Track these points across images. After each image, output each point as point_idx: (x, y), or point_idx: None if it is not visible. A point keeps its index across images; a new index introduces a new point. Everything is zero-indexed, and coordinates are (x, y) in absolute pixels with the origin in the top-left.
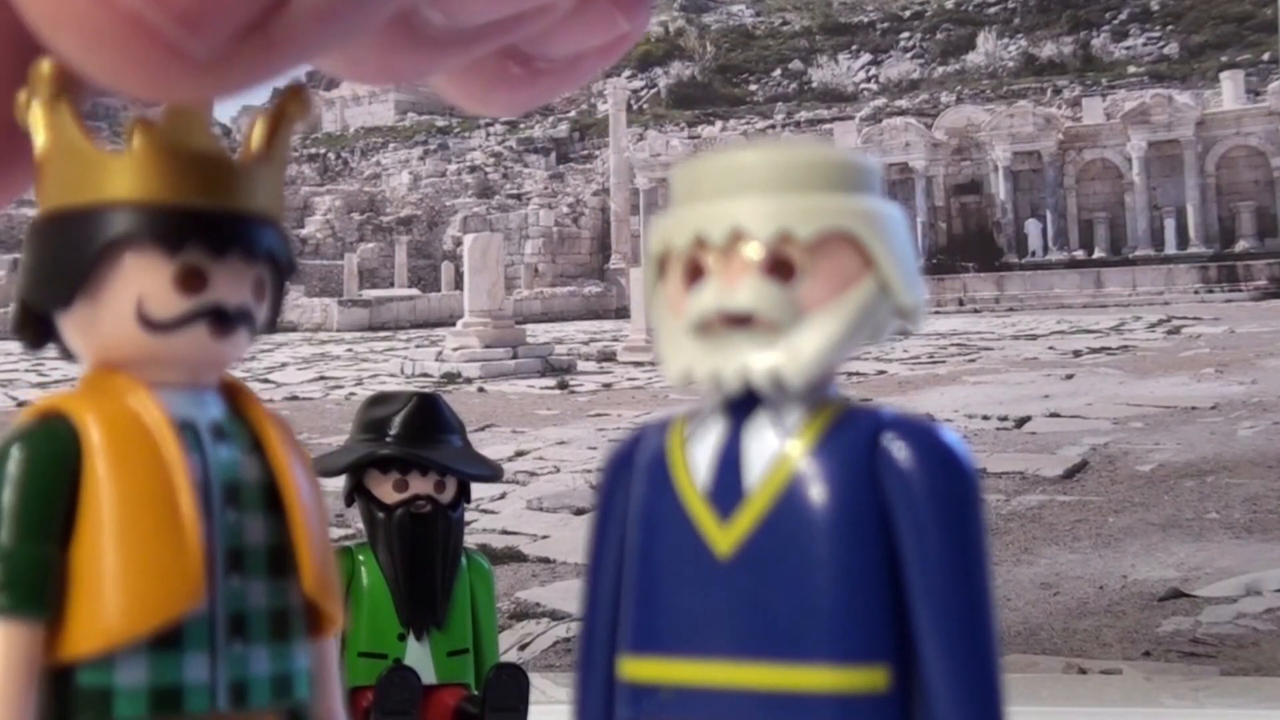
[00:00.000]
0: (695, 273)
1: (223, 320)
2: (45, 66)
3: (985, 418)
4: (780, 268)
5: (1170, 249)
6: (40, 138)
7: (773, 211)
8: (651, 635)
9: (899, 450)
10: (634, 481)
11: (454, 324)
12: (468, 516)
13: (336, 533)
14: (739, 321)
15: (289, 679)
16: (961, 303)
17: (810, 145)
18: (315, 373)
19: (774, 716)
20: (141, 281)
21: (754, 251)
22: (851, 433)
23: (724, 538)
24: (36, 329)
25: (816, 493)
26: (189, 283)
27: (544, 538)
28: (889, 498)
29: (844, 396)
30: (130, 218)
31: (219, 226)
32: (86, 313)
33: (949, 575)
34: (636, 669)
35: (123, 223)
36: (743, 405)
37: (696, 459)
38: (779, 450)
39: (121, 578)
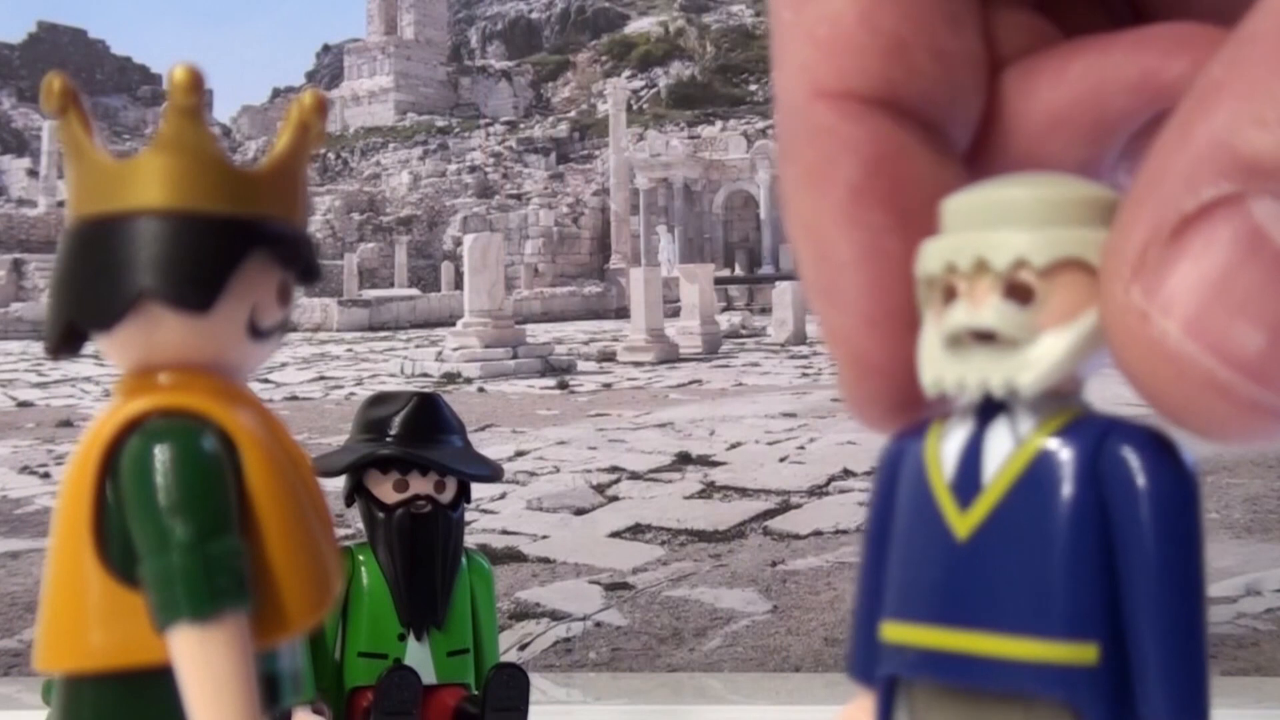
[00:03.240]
0: (950, 294)
1: (285, 330)
2: (57, 83)
3: None
4: (1018, 291)
5: None
6: (74, 146)
7: (1014, 243)
8: (904, 604)
9: (1121, 451)
10: (900, 476)
11: (454, 324)
12: (468, 516)
13: (336, 533)
14: (984, 338)
15: None
16: None
17: (1053, 182)
18: (315, 373)
19: (998, 679)
20: (258, 291)
21: (996, 277)
22: (1079, 435)
23: (962, 524)
24: (78, 335)
25: (1043, 488)
26: (284, 296)
27: (544, 538)
28: (1110, 495)
29: (1083, 403)
30: (267, 230)
31: (309, 246)
32: (189, 318)
33: (1165, 572)
34: (891, 632)
35: (261, 233)
36: (987, 410)
37: (946, 455)
38: (1012, 449)
39: (296, 572)
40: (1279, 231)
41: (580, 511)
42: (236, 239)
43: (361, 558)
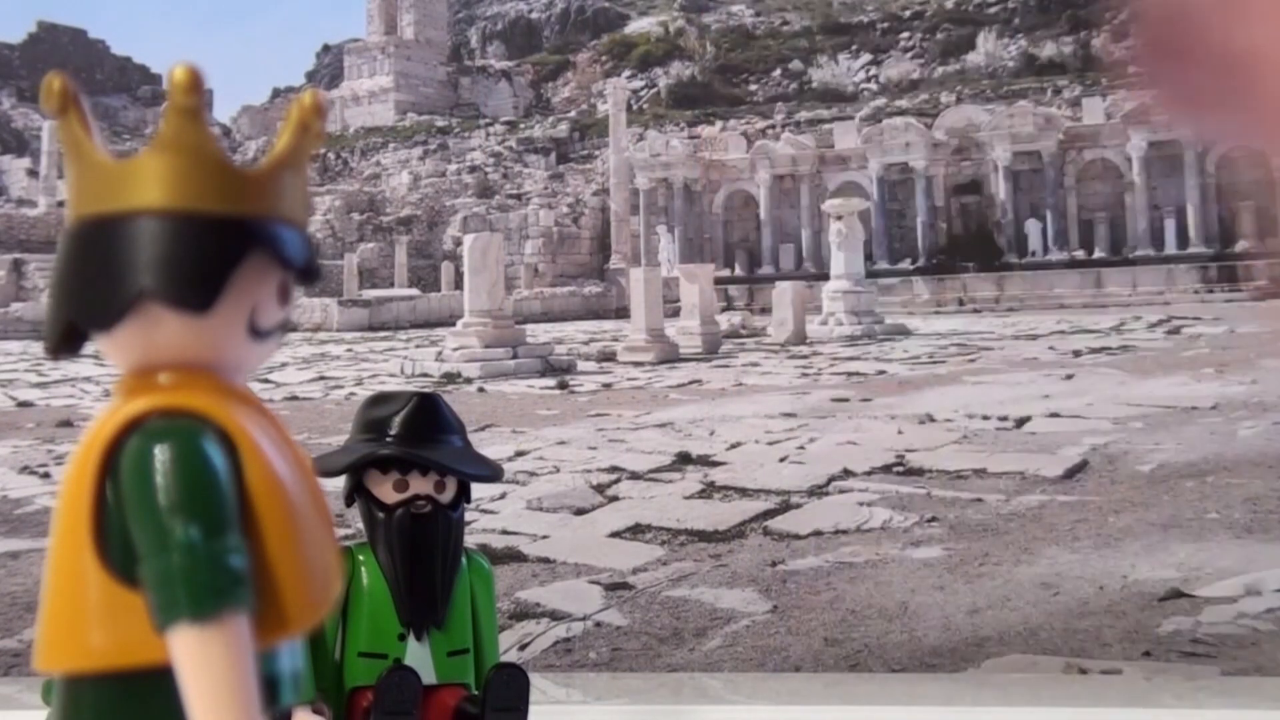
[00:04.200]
0: None
1: (285, 330)
2: (57, 83)
3: (985, 418)
4: None
5: (1170, 249)
6: (72, 146)
7: None
8: None
9: None
10: None
11: (454, 324)
12: (468, 516)
13: (336, 533)
14: None
15: None
16: (961, 302)
17: None
18: (315, 373)
19: None
20: (258, 291)
21: None
22: None
23: None
24: (78, 336)
25: None
26: (284, 296)
27: (544, 538)
28: None
29: None
30: (267, 230)
31: (309, 246)
32: (188, 318)
33: None
34: None
35: (261, 233)
36: None
37: None
38: None
39: (296, 572)
40: None
41: (580, 511)
42: (236, 239)
43: (361, 558)
